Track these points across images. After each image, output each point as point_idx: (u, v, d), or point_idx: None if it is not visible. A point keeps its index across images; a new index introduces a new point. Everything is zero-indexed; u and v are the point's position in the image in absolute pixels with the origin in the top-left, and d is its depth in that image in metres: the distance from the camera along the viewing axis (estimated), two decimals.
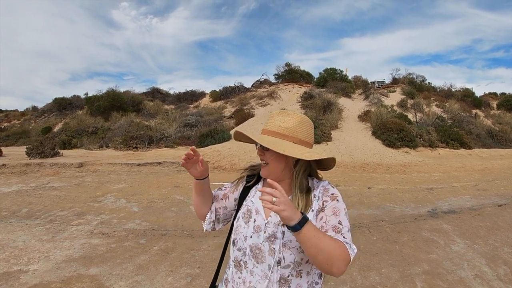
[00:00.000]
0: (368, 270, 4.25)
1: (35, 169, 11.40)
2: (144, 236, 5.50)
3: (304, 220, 1.20)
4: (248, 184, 1.66)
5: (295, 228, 1.19)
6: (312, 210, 1.44)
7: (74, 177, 10.60)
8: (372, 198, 8.08)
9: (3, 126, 30.49)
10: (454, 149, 15.93)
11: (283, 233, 1.40)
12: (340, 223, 1.36)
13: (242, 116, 20.08)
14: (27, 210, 7.00)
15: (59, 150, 14.37)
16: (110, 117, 22.78)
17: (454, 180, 10.39)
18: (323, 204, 1.43)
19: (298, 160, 1.48)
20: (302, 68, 33.87)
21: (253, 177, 1.68)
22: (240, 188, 1.68)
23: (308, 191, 1.49)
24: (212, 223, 1.72)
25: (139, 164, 11.77)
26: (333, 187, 1.51)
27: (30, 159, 12.61)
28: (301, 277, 1.43)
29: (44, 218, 6.45)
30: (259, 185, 1.63)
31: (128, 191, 8.70)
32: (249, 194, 1.62)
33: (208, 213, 1.71)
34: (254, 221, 1.49)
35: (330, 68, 30.21)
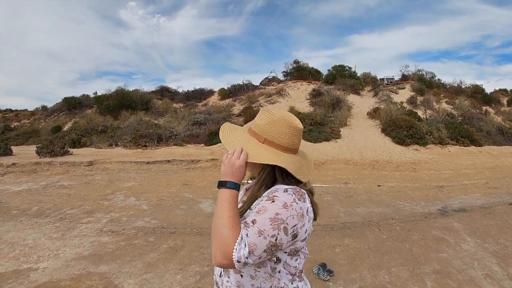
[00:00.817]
0: (378, 269, 4.23)
1: (45, 168, 11.48)
2: (153, 234, 5.52)
3: (222, 184, 1.30)
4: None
5: (217, 185, 1.32)
6: (251, 209, 1.35)
7: (83, 175, 10.67)
8: (381, 196, 8.04)
9: (13, 126, 30.78)
10: (464, 146, 15.79)
11: None
12: (253, 221, 1.20)
13: (250, 113, 20.07)
14: (37, 209, 7.06)
15: (69, 149, 14.47)
16: (119, 116, 22.86)
17: (465, 178, 10.30)
18: (258, 203, 1.33)
19: None
20: (310, 65, 33.79)
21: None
22: None
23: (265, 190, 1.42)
24: None
25: (148, 162, 11.82)
26: (286, 192, 1.30)
27: (40, 158, 12.70)
28: (241, 276, 1.37)
29: (54, 216, 6.50)
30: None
31: (138, 189, 8.74)
32: None
33: None
34: None
35: (339, 65, 30.13)
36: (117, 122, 21.46)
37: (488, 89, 34.91)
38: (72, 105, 30.29)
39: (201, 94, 32.36)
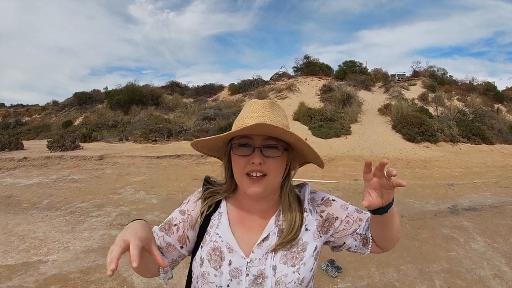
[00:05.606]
0: (387, 266, 4.21)
1: (55, 162, 11.58)
2: None
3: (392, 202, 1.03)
4: (208, 211, 1.18)
5: (391, 205, 1.02)
6: (308, 229, 1.13)
7: (94, 169, 10.75)
8: None
9: (24, 120, 31.07)
10: (476, 144, 15.64)
11: (274, 268, 1.05)
12: (357, 210, 1.20)
13: None
14: (47, 202, 7.13)
15: (80, 143, 14.59)
16: (130, 111, 22.99)
17: (475, 177, 10.20)
18: (321, 217, 1.16)
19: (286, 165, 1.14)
20: (321, 60, 33.42)
21: (212, 199, 1.22)
22: (201, 218, 1.18)
23: (299, 201, 1.17)
24: (168, 277, 1.21)
25: (158, 157, 11.87)
26: (315, 191, 1.23)
27: (51, 152, 12.81)
28: None
29: (64, 210, 6.56)
30: (222, 209, 1.20)
31: (147, 183, 8.78)
32: (210, 224, 1.16)
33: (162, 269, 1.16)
34: (230, 263, 1.06)
35: (350, 61, 29.87)
36: (127, 117, 21.58)
37: (500, 86, 34.19)
38: (83, 100, 30.46)
39: (211, 89, 32.34)
